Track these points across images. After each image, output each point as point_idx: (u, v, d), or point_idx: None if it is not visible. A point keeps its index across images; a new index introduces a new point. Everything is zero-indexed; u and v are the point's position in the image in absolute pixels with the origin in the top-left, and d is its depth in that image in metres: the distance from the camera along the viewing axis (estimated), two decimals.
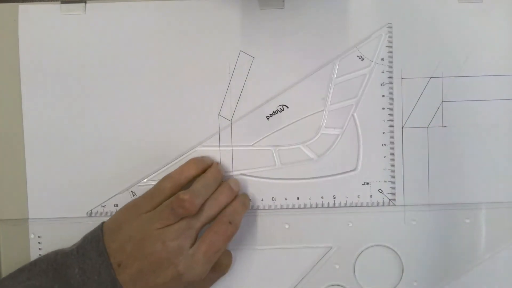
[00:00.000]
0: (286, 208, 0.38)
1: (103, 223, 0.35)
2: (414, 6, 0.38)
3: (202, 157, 0.37)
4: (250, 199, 0.38)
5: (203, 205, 0.34)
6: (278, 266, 0.38)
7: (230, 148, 0.38)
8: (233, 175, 0.38)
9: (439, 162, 0.38)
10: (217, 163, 0.37)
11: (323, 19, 0.38)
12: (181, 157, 0.38)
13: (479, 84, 0.38)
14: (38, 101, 0.38)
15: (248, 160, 0.38)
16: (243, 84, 0.38)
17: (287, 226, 0.38)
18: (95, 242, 0.33)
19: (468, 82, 0.38)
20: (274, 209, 0.38)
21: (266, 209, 0.38)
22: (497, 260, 0.38)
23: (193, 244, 0.33)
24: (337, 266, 0.38)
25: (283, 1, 0.38)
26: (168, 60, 0.38)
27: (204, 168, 0.36)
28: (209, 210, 0.34)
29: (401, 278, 0.38)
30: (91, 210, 0.38)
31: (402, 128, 0.38)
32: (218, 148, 0.38)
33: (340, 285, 0.38)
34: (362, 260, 0.38)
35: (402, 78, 0.38)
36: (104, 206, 0.38)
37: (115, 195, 0.38)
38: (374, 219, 0.38)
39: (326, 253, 0.38)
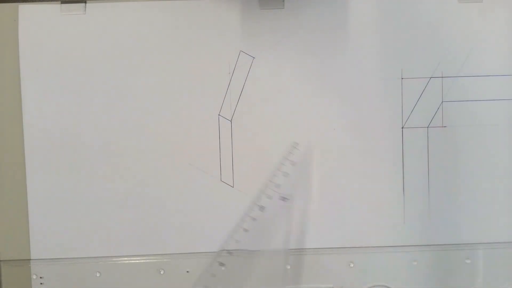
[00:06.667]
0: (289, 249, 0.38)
1: None
2: (414, 6, 0.38)
3: None
4: None
5: None
6: None
7: (230, 149, 0.38)
8: (233, 175, 0.38)
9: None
10: None
11: (323, 19, 0.38)
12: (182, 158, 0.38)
13: (479, 84, 0.38)
14: (38, 101, 0.38)
15: None
16: (243, 84, 0.38)
17: (288, 267, 0.38)
18: None
19: (468, 82, 0.38)
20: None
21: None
22: None
23: None
24: None
25: (283, 1, 0.38)
26: (168, 60, 0.38)
27: None
28: None
29: None
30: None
31: (402, 128, 0.38)
32: (218, 149, 0.38)
33: None
34: None
35: (402, 78, 0.38)
36: None
37: None
38: (376, 259, 0.38)
39: None
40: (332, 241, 0.38)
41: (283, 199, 0.36)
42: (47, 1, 0.38)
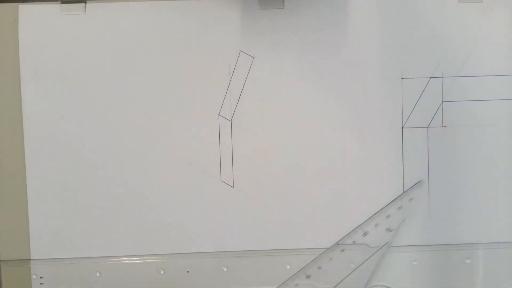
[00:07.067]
0: (286, 249, 0.38)
1: None
2: (414, 6, 0.38)
3: None
4: None
5: None
6: None
7: (230, 149, 0.38)
8: (233, 175, 0.38)
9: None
10: None
11: (323, 19, 0.38)
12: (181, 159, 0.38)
13: (479, 84, 0.38)
14: (38, 102, 0.38)
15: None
16: (243, 84, 0.38)
17: (288, 267, 0.38)
18: None
19: (468, 82, 0.38)
20: (274, 249, 0.38)
21: (267, 249, 0.38)
22: None
23: None
24: None
25: (283, 1, 0.38)
26: (168, 60, 0.38)
27: None
28: None
29: None
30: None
31: (402, 128, 0.38)
32: (218, 149, 0.38)
33: None
34: None
35: (402, 78, 0.38)
36: None
37: None
38: (375, 259, 0.38)
39: None
40: (331, 241, 0.38)
41: (388, 230, 0.37)
42: (47, 1, 0.38)
